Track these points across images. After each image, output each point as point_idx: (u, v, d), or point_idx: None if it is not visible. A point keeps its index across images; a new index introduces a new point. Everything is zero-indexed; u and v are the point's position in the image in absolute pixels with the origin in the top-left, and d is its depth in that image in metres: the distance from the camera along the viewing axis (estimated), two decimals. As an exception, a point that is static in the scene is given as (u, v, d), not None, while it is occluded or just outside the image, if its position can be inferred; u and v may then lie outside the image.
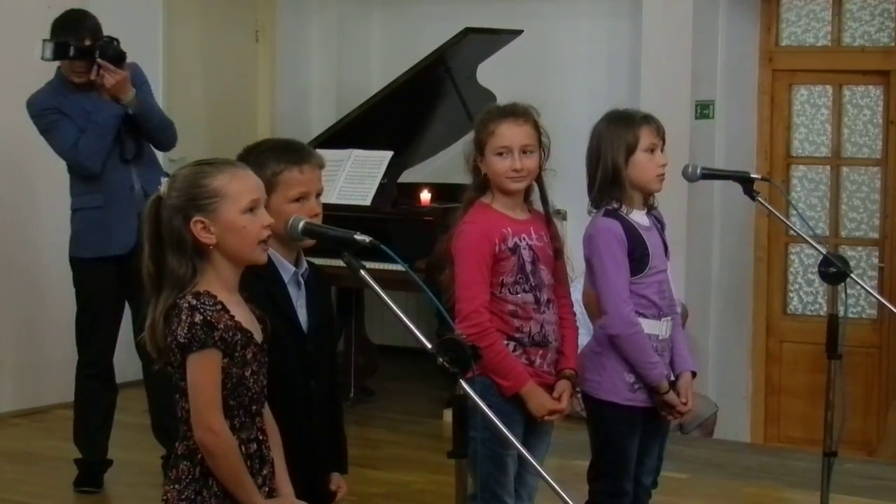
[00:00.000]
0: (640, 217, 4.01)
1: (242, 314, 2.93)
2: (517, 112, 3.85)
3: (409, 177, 7.46)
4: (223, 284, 2.91)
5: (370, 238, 2.89)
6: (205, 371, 2.85)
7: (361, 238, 2.90)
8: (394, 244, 2.96)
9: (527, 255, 3.85)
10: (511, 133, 3.81)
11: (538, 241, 3.89)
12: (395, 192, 7.07)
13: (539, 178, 3.91)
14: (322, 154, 3.35)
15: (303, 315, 3.22)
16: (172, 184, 2.92)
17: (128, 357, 5.72)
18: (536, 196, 3.95)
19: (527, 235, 3.87)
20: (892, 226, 7.74)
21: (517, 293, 3.85)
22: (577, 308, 4.12)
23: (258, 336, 2.97)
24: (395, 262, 2.91)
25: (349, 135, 7.19)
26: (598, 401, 4.02)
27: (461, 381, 2.73)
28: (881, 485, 5.97)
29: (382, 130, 7.20)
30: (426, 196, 7.16)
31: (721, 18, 7.79)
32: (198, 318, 2.83)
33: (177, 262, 2.88)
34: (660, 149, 4.01)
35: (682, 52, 7.55)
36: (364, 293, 7.51)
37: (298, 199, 3.19)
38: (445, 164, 7.64)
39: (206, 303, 2.85)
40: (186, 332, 2.83)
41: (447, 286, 3.84)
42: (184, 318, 2.84)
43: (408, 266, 2.96)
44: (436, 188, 7.19)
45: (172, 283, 2.88)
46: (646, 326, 3.97)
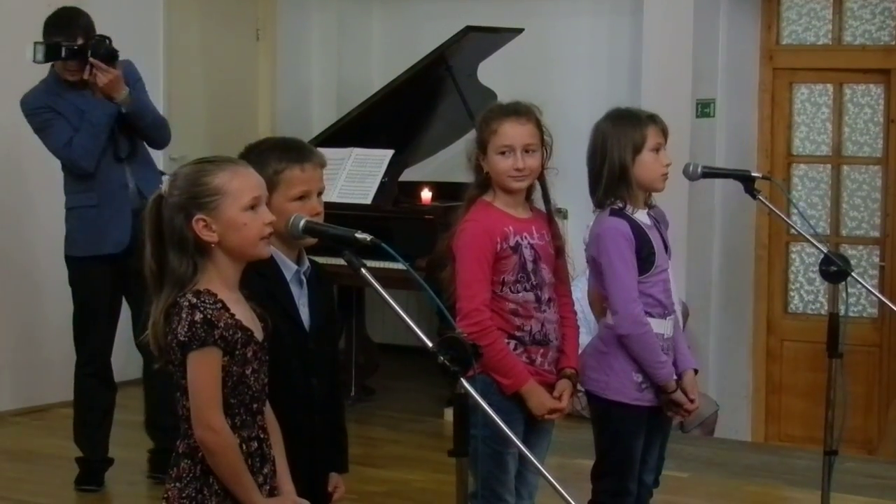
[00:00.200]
0: (643, 216, 4.01)
1: (243, 312, 2.93)
2: (520, 111, 3.84)
3: (410, 175, 7.46)
4: (224, 282, 2.91)
5: (371, 236, 2.89)
6: (205, 369, 2.85)
7: (362, 236, 2.89)
8: (395, 243, 2.96)
9: (528, 254, 3.85)
10: (514, 132, 3.80)
11: (539, 240, 3.88)
12: (396, 191, 7.07)
13: (541, 177, 3.90)
14: (323, 153, 3.34)
15: (305, 313, 3.22)
16: (174, 182, 2.92)
17: (127, 356, 5.73)
18: (538, 194, 3.94)
19: (528, 234, 3.86)
20: (893, 224, 7.73)
21: (518, 292, 3.84)
22: (578, 307, 4.11)
23: (259, 334, 2.96)
24: (396, 261, 2.91)
25: (350, 133, 7.19)
26: (605, 401, 4.01)
27: (462, 380, 2.73)
28: (882, 483, 5.97)
29: (383, 129, 7.19)
30: (427, 194, 7.16)
31: (722, 17, 7.78)
32: (198, 317, 2.83)
33: (178, 261, 2.88)
34: (663, 148, 4.01)
35: (683, 51, 7.54)
36: (365, 292, 7.50)
37: (300, 198, 3.18)
38: (446, 163, 7.64)
39: (207, 301, 2.85)
40: (187, 331, 2.83)
41: (448, 284, 3.84)
42: (184, 317, 2.84)
43: (408, 264, 2.96)
44: (436, 186, 7.18)
45: (173, 282, 2.88)
46: (653, 326, 3.96)
